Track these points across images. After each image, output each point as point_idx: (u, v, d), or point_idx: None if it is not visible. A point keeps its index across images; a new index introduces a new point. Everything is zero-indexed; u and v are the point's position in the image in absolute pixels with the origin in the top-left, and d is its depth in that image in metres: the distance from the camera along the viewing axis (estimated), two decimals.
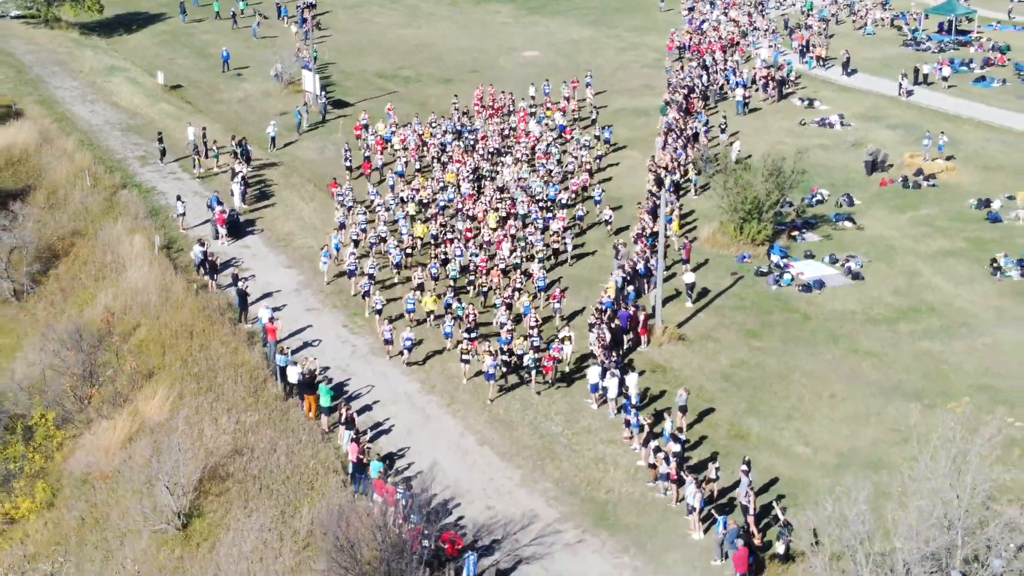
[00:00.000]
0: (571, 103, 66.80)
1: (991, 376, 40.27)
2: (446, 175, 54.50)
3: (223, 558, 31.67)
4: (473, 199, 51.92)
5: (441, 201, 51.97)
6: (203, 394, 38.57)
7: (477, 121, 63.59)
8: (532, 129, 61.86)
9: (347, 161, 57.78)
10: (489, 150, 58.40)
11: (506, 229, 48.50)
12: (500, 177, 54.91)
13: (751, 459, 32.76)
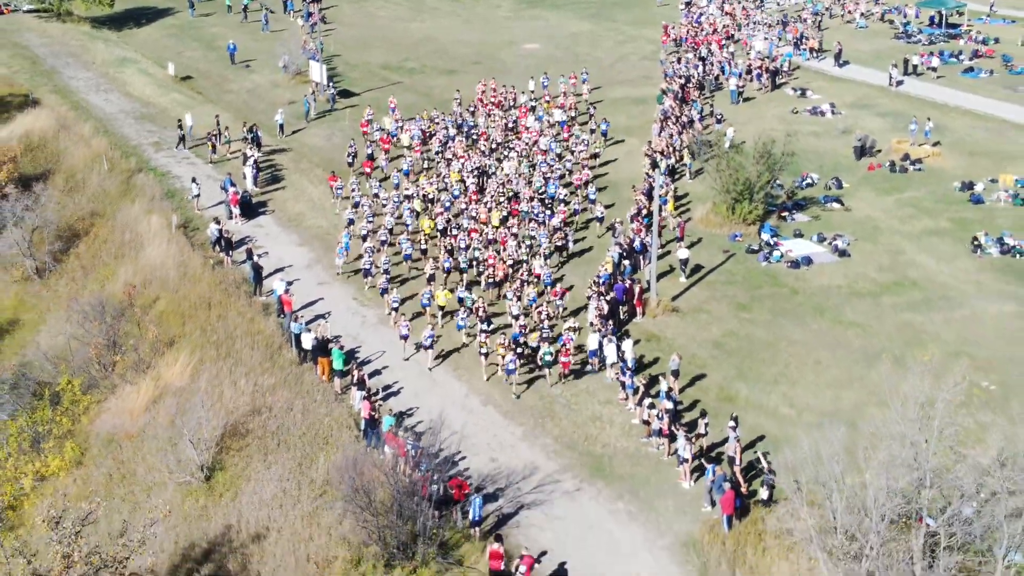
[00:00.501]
0: (569, 99, 68.09)
1: (969, 344, 42.40)
2: (451, 174, 54.97)
3: (245, 505, 33.92)
4: (476, 196, 52.47)
5: (446, 201, 52.28)
6: (222, 360, 40.74)
7: (479, 116, 64.94)
8: (532, 124, 63.36)
9: (350, 157, 58.57)
10: (491, 145, 59.34)
11: (508, 227, 49.40)
12: (501, 172, 55.77)
13: (739, 417, 34.94)
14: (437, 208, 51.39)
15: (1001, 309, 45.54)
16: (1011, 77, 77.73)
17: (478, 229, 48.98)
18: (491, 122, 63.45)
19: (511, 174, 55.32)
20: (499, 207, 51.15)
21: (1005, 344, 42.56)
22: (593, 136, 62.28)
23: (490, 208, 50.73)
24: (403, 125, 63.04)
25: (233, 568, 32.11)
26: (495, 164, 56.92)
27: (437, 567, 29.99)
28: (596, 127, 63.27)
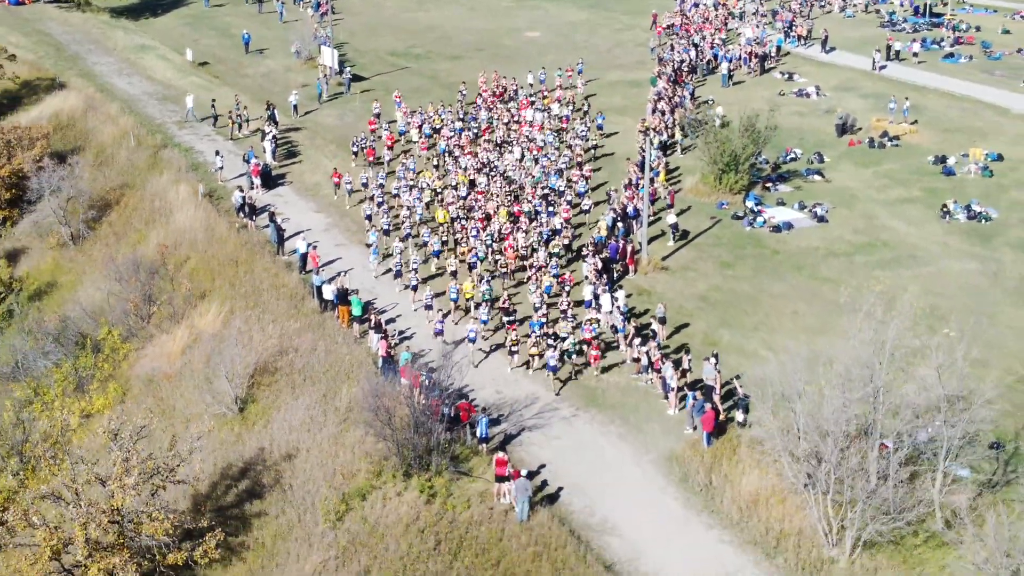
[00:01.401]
0: (568, 92, 69.14)
1: (933, 296, 46.20)
2: (458, 175, 54.92)
3: (276, 431, 37.93)
4: (483, 193, 52.85)
5: (450, 196, 52.73)
6: (250, 309, 44.75)
7: (482, 110, 65.62)
8: (532, 118, 64.86)
9: (354, 147, 60.17)
10: (496, 140, 60.27)
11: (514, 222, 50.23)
12: (504, 166, 56.54)
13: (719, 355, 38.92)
14: (448, 196, 52.56)
15: (964, 267, 49.46)
16: (989, 62, 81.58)
17: (485, 218, 49.91)
18: (494, 115, 64.75)
19: (515, 169, 56.21)
20: (505, 204, 51.69)
21: (966, 297, 46.46)
22: (590, 130, 63.87)
23: (498, 204, 51.51)
24: (410, 121, 63.61)
25: (267, 482, 36.08)
26: (499, 160, 57.36)
27: (449, 476, 33.91)
28: (592, 122, 65.06)
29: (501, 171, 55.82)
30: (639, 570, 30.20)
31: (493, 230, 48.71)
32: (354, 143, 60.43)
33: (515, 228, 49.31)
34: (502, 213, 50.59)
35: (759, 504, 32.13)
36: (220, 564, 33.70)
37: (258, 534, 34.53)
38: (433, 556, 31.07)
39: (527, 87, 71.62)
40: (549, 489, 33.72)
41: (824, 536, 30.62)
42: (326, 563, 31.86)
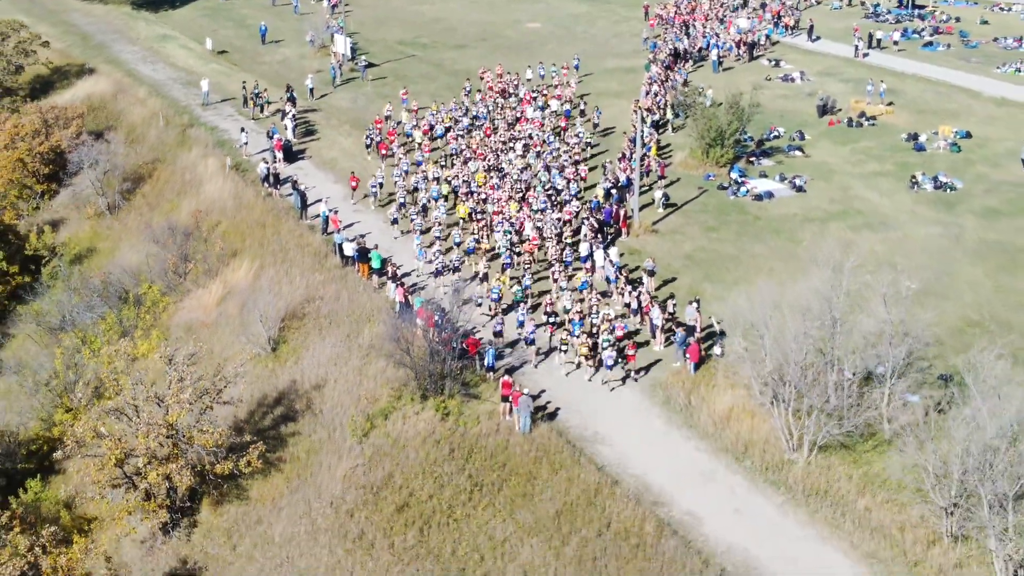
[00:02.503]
0: (567, 90, 70.39)
1: (898, 256, 50.88)
2: (476, 177, 55.84)
3: (306, 366, 42.74)
4: (493, 188, 54.37)
5: (464, 188, 54.37)
6: (279, 264, 49.53)
7: (482, 106, 66.83)
8: (533, 115, 67.21)
9: (368, 139, 62.23)
10: (501, 140, 61.09)
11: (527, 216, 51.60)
12: (512, 167, 57.52)
13: (700, 302, 43.65)
14: (462, 188, 54.14)
15: (928, 231, 54.20)
16: (966, 50, 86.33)
17: (501, 210, 51.41)
18: (497, 113, 66.15)
19: (522, 169, 57.32)
20: (515, 199, 53.28)
21: (927, 256, 51.11)
22: (586, 127, 66.47)
23: (508, 197, 53.19)
24: (417, 123, 64.98)
25: (300, 408, 40.88)
26: (506, 160, 58.52)
27: (461, 399, 38.67)
28: (588, 121, 66.65)
29: (507, 172, 56.88)
30: (626, 471, 34.89)
31: (508, 214, 50.62)
32: (367, 136, 62.90)
33: (526, 218, 50.96)
34: (512, 206, 52.38)
35: (731, 419, 36.88)
36: (261, 475, 38.48)
37: (293, 450, 39.30)
38: (447, 461, 35.86)
39: (526, 83, 74.20)
40: (548, 409, 38.38)
41: (785, 442, 35.39)
42: (355, 470, 36.63)
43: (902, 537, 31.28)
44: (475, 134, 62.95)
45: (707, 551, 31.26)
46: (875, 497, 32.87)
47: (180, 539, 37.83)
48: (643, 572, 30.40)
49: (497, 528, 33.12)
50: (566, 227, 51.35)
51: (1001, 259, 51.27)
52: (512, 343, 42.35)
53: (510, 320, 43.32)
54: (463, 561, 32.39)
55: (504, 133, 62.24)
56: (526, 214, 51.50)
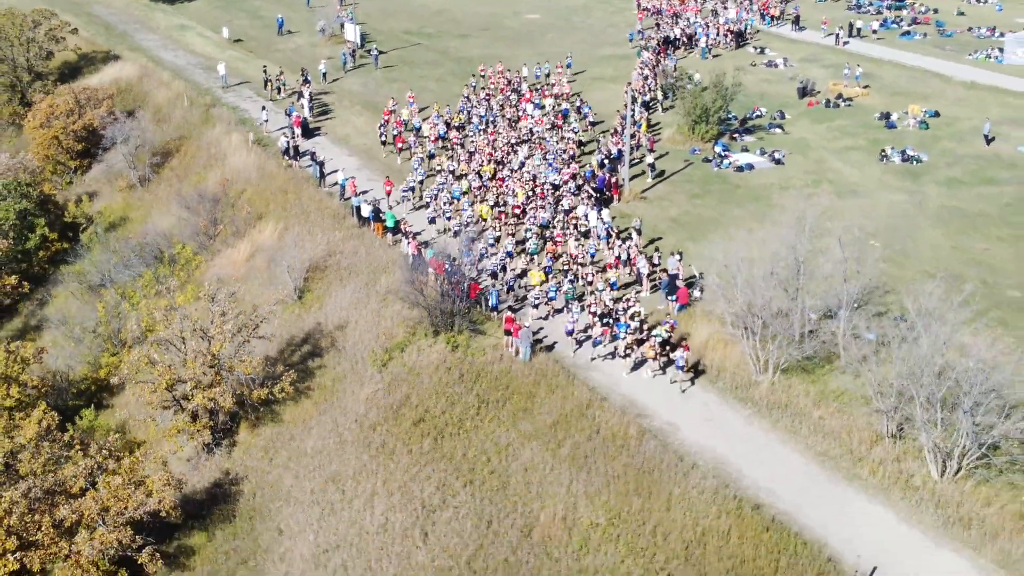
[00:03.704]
0: (561, 88, 72.86)
1: (865, 219, 55.79)
2: (484, 167, 57.84)
3: (329, 310, 47.78)
4: (502, 181, 56.42)
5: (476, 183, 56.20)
6: (301, 224, 54.53)
7: (483, 107, 68.25)
8: (532, 112, 69.62)
9: (382, 136, 64.59)
10: (509, 141, 62.19)
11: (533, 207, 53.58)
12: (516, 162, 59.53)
13: (683, 254, 48.68)
14: (476, 182, 55.93)
15: (894, 198, 59.26)
16: (941, 39, 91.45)
17: (520, 205, 53.27)
18: (500, 112, 67.62)
19: (522, 159, 59.40)
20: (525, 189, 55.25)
21: (892, 219, 56.16)
22: (582, 124, 67.75)
23: (514, 192, 54.95)
24: (423, 121, 66.47)
25: (324, 346, 45.93)
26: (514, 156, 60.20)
27: (468, 335, 43.70)
28: (583, 119, 68.56)
29: (515, 167, 58.65)
30: (614, 391, 39.95)
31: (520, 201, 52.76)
32: (381, 133, 64.99)
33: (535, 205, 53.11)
34: (520, 195, 54.49)
35: (707, 348, 41.91)
36: (292, 401, 43.54)
37: (320, 379, 44.37)
38: (457, 383, 40.93)
39: (523, 80, 75.15)
40: (547, 342, 43.45)
41: (753, 366, 40.47)
42: (376, 393, 41.69)
43: (849, 438, 36.31)
44: (480, 134, 64.22)
45: (682, 451, 36.28)
46: (828, 408, 37.91)
47: (222, 456, 42.87)
48: (626, 467, 35.41)
49: (501, 436, 38.17)
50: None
51: (960, 223, 56.27)
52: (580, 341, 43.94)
53: (561, 319, 44.54)
54: (472, 462, 37.42)
55: (509, 133, 63.31)
56: (536, 204, 53.35)
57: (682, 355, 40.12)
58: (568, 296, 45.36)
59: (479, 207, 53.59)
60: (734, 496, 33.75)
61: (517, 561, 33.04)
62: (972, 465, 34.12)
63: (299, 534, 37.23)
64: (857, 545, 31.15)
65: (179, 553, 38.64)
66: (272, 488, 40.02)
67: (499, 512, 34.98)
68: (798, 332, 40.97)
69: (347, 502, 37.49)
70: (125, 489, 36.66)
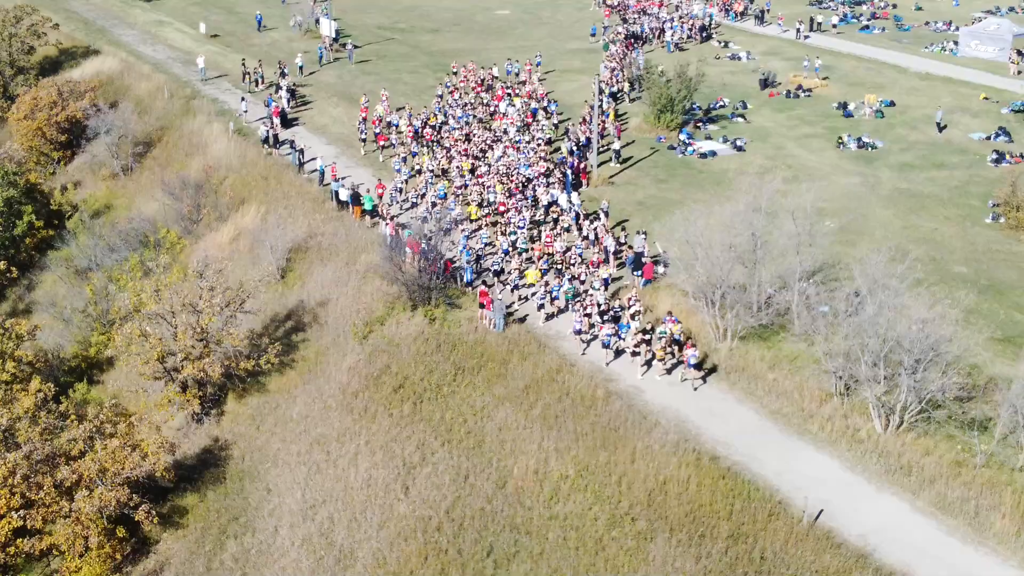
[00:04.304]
0: (532, 88, 73.89)
1: (822, 201, 58.54)
2: (463, 163, 59.05)
3: (311, 288, 50.08)
4: (482, 177, 57.40)
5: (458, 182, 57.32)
6: (282, 209, 56.76)
7: (458, 108, 69.11)
8: (506, 111, 70.99)
9: (362, 134, 65.38)
10: (483, 139, 63.23)
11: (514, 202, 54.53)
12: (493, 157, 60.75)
13: (648, 233, 51.29)
14: (457, 181, 57.03)
15: (849, 181, 62.15)
16: (899, 33, 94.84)
17: (504, 203, 54.03)
18: (474, 111, 68.72)
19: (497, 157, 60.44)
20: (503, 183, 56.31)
21: (847, 201, 59.00)
22: (549, 122, 68.49)
23: (492, 187, 55.55)
24: (401, 118, 67.35)
25: (307, 321, 48.24)
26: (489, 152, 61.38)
27: (445, 308, 46.12)
28: (550, 117, 69.61)
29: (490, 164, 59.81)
30: (583, 359, 42.44)
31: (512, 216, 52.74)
32: (361, 131, 65.88)
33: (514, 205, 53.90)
34: (499, 188, 55.54)
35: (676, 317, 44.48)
36: (278, 372, 45.84)
37: (304, 352, 46.69)
38: (435, 353, 43.37)
39: (495, 79, 76.46)
40: (518, 315, 45.94)
41: (713, 333, 43.12)
42: (358, 363, 44.05)
43: (801, 397, 38.99)
44: (455, 133, 64.88)
45: (646, 411, 38.84)
46: (782, 371, 40.58)
47: (211, 424, 45.11)
48: (594, 425, 37.94)
49: (477, 399, 40.63)
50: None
51: (910, 203, 59.20)
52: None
53: (565, 319, 45.19)
54: (449, 424, 39.86)
55: (484, 133, 64.24)
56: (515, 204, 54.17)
57: (693, 353, 40.56)
58: (568, 296, 45.72)
59: (469, 207, 54.35)
60: (693, 449, 36.31)
61: (492, 510, 35.47)
62: (913, 419, 36.83)
63: (287, 492, 39.54)
64: (806, 491, 33.74)
65: (172, 513, 40.82)
66: (260, 452, 42.31)
67: (475, 467, 37.41)
68: (755, 302, 43.61)
69: (332, 462, 39.83)
70: (122, 451, 38.84)
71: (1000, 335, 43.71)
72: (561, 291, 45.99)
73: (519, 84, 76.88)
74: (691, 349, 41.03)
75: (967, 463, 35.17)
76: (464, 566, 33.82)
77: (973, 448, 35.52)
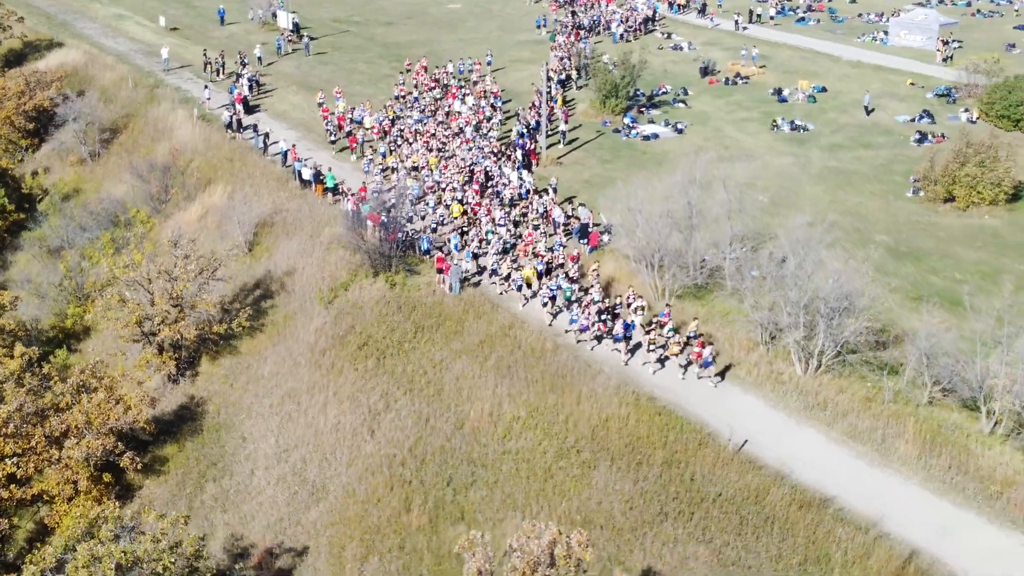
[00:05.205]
0: (490, 85, 75.27)
1: (755, 178, 62.90)
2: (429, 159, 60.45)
3: (277, 259, 53.34)
4: (446, 169, 58.87)
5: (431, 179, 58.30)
6: (248, 188, 59.90)
7: (415, 110, 70.14)
8: (460, 109, 72.93)
9: (331, 136, 66.36)
10: (446, 135, 64.86)
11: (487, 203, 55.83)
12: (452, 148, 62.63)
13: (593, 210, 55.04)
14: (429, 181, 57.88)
15: (782, 161, 66.32)
16: (834, 24, 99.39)
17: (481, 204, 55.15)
18: (434, 116, 69.31)
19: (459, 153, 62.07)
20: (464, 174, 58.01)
21: (779, 178, 63.15)
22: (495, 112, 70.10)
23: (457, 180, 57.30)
24: (366, 114, 68.20)
25: (275, 289, 51.50)
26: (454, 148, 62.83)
27: (405, 274, 49.58)
28: (496, 109, 71.28)
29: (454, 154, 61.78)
30: (532, 317, 46.07)
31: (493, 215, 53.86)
32: (329, 132, 66.78)
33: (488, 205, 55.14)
34: (459, 178, 57.20)
35: (613, 281, 48.27)
36: (248, 335, 49.10)
37: (272, 317, 49.98)
38: (396, 314, 46.85)
39: (450, 76, 77.66)
40: (473, 280, 49.50)
41: (652, 293, 46.97)
42: (324, 325, 47.43)
43: (731, 347, 42.90)
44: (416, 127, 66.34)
45: (591, 361, 42.55)
46: (714, 324, 44.48)
47: (186, 384, 48.30)
48: (543, 373, 41.61)
49: (435, 354, 44.18)
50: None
51: (838, 180, 63.44)
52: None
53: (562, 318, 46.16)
54: (411, 375, 43.37)
55: (443, 131, 65.47)
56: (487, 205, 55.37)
57: (711, 352, 41.06)
58: (567, 296, 46.45)
59: (453, 207, 55.23)
60: (632, 392, 40.10)
61: (451, 447, 39.05)
62: (830, 362, 40.88)
63: (261, 439, 42.88)
64: (732, 425, 37.65)
65: (153, 462, 43.99)
66: (234, 406, 45.58)
67: (435, 412, 40.97)
68: (691, 265, 47.53)
69: (303, 412, 43.22)
70: (107, 404, 41.97)
71: (915, 295, 47.93)
72: (559, 292, 46.47)
73: (471, 84, 78.84)
74: (705, 348, 41.50)
75: (876, 399, 39.21)
76: (427, 494, 37.39)
77: (882, 387, 39.56)
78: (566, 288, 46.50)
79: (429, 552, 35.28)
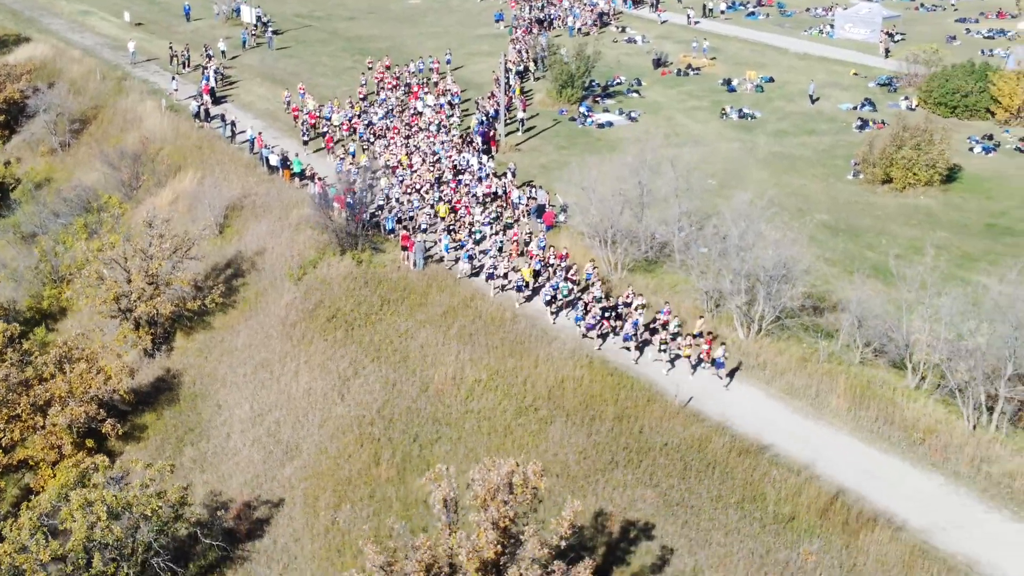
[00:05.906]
0: (452, 84, 76.24)
1: (705, 164, 65.83)
2: (401, 155, 61.65)
3: (247, 240, 55.67)
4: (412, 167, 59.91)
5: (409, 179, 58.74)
6: (217, 174, 62.16)
7: (381, 111, 70.23)
8: (423, 110, 73.74)
9: (304, 136, 66.64)
10: (411, 132, 66.25)
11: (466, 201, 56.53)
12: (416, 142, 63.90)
13: (550, 192, 57.78)
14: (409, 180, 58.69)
15: (730, 146, 69.45)
16: (782, 18, 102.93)
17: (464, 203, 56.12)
18: (400, 116, 69.84)
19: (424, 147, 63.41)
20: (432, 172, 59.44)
21: (727, 163, 66.24)
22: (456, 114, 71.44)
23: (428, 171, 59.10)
24: (335, 111, 69.02)
25: (246, 268, 53.83)
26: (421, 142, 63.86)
27: (371, 252, 52.07)
28: (455, 107, 72.57)
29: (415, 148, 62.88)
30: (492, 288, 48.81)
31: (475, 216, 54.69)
32: (304, 132, 67.01)
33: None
34: (427, 174, 58.48)
35: (571, 256, 50.97)
36: (221, 311, 51.43)
37: (244, 294, 52.34)
38: (363, 288, 49.36)
39: (412, 75, 78.38)
40: (436, 257, 52.10)
41: (606, 266, 49.77)
42: (294, 299, 49.85)
43: (679, 314, 45.78)
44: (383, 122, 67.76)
45: (548, 328, 45.25)
46: (664, 295, 47.34)
47: (162, 358, 50.58)
48: (503, 340, 44.29)
49: (401, 324, 46.75)
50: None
51: (783, 164, 66.65)
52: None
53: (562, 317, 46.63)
54: (378, 344, 45.91)
55: (405, 130, 66.68)
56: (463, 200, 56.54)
57: (723, 352, 41.24)
58: (565, 295, 46.71)
59: (438, 207, 55.77)
60: (586, 355, 42.86)
61: (417, 408, 41.67)
62: (769, 327, 43.86)
63: (236, 406, 45.26)
64: (678, 383, 40.50)
65: (133, 430, 46.26)
66: (209, 377, 47.94)
67: (401, 377, 43.56)
68: (642, 240, 50.39)
69: (275, 379, 45.66)
70: (88, 374, 44.23)
71: (851, 268, 51.00)
72: (559, 290, 46.79)
73: (432, 83, 79.65)
74: (717, 347, 41.68)
75: (812, 359, 42.21)
76: (394, 449, 40.00)
77: (818, 348, 42.58)
78: (563, 287, 46.89)
79: (398, 500, 37.88)
